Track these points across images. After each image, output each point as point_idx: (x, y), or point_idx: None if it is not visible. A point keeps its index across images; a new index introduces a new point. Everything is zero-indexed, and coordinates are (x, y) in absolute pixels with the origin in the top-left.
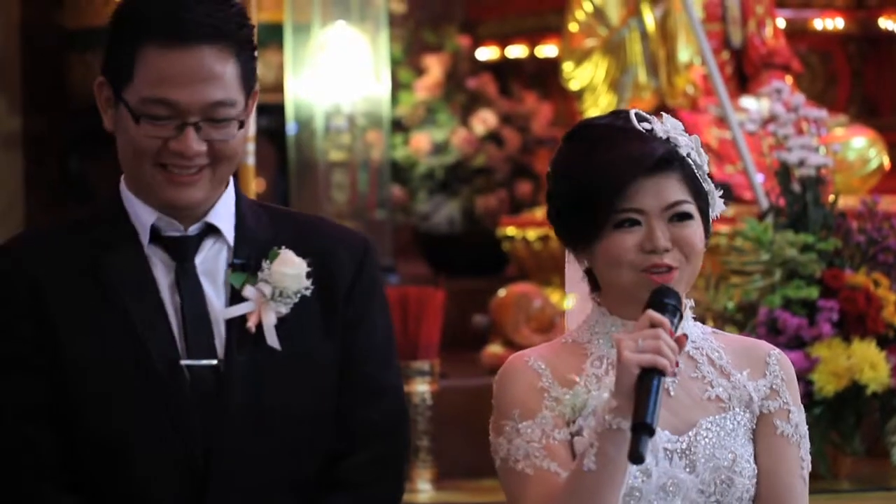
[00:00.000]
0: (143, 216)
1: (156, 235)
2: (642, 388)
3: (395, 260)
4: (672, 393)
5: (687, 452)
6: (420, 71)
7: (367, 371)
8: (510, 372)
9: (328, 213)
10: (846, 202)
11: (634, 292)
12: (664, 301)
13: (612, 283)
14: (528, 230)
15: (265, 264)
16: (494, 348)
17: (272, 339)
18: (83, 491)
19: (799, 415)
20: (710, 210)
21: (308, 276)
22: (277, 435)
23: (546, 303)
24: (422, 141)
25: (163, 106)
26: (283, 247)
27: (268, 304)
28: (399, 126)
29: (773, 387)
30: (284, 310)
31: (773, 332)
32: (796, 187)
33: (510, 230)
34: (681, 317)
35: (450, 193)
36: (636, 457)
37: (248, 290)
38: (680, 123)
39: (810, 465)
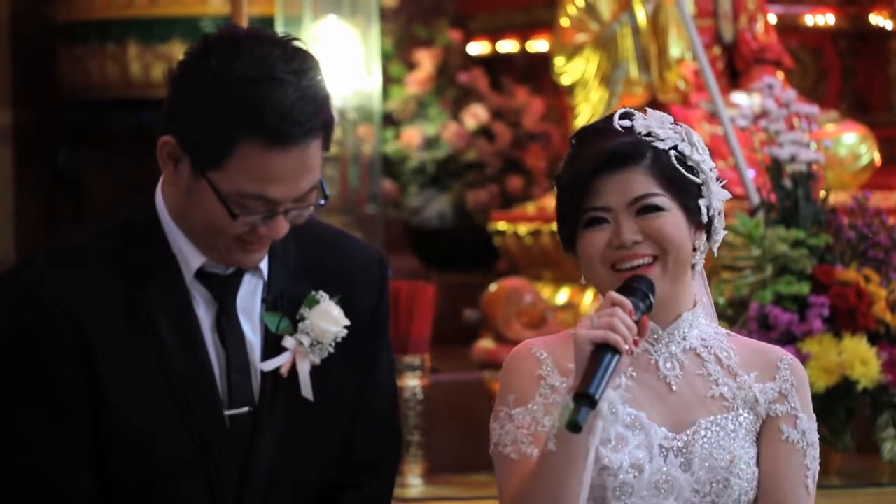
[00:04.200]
0: (190, 255)
1: (198, 272)
2: (593, 362)
3: (385, 254)
4: (674, 388)
5: (683, 451)
6: (411, 65)
7: (375, 404)
8: (513, 359)
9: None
10: (837, 198)
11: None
12: (632, 285)
13: (593, 282)
14: (519, 225)
15: (305, 311)
16: (485, 343)
17: (307, 391)
18: None
19: (808, 422)
20: (705, 200)
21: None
22: (301, 475)
23: (537, 297)
24: (413, 135)
25: (260, 201)
26: (321, 292)
27: (305, 354)
28: (390, 120)
29: (783, 391)
30: (318, 360)
31: (764, 328)
32: (787, 183)
33: (501, 225)
34: (650, 304)
35: (441, 188)
36: (571, 425)
37: (288, 341)
38: (669, 117)
39: (816, 476)
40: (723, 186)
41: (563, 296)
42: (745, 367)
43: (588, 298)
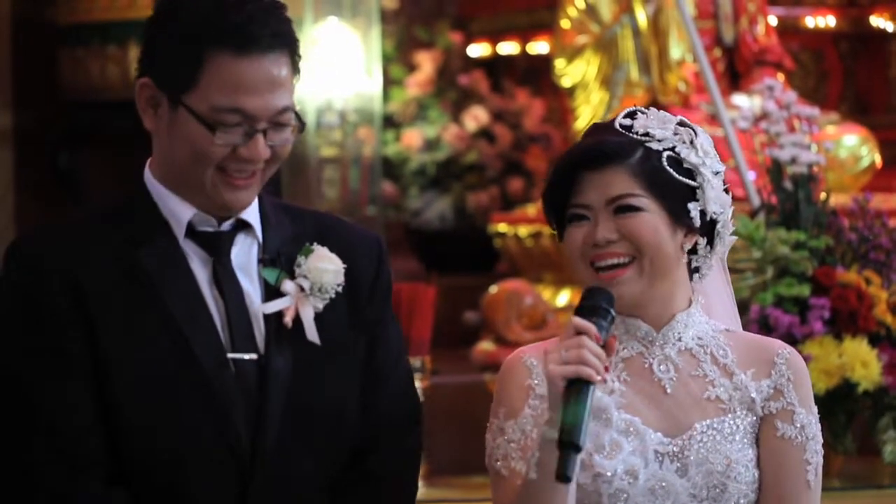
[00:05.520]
0: (180, 211)
1: (190, 230)
2: (569, 399)
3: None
4: (669, 391)
5: (679, 456)
6: (412, 67)
7: (387, 371)
8: (505, 370)
9: (319, 209)
10: (838, 200)
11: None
12: (592, 304)
13: (577, 276)
14: (519, 227)
15: (301, 259)
16: (486, 345)
17: (312, 334)
18: (128, 485)
19: (807, 416)
20: (698, 203)
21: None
22: (314, 429)
23: (538, 299)
24: (413, 137)
25: (235, 114)
26: (316, 244)
27: (306, 299)
28: (391, 122)
29: (778, 387)
30: (321, 305)
31: (765, 330)
32: (788, 185)
33: (502, 227)
34: (612, 319)
35: (441, 190)
36: (561, 476)
37: (287, 285)
38: (674, 119)
39: (820, 469)
40: (725, 190)
41: (563, 297)
42: (741, 364)
43: None
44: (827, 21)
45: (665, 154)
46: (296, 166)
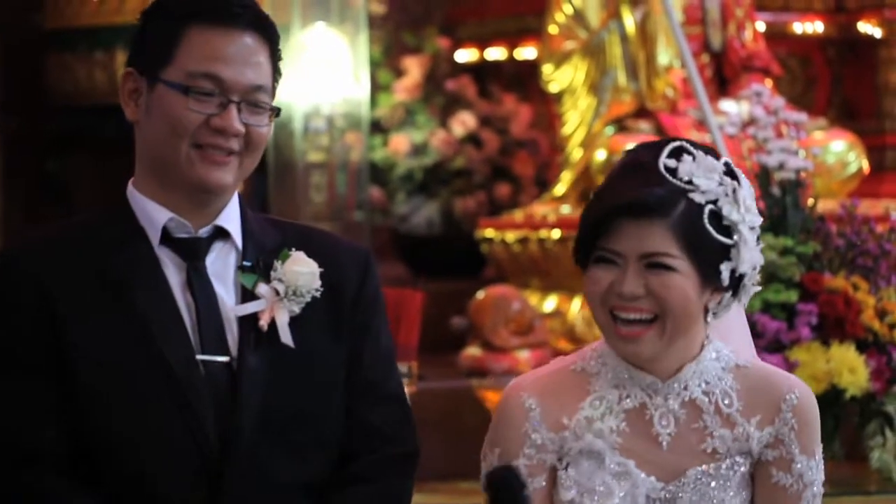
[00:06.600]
0: (156, 216)
1: (166, 237)
2: None
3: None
4: (665, 447)
5: (670, 501)
6: (399, 72)
7: (374, 379)
8: (503, 407)
9: (306, 214)
10: (825, 206)
11: (605, 336)
12: (502, 499)
13: (592, 315)
14: (506, 232)
15: (277, 264)
16: (473, 350)
17: (286, 337)
18: (98, 489)
19: (807, 464)
20: (731, 263)
21: (320, 276)
22: (288, 433)
23: (525, 305)
24: (401, 142)
25: (209, 80)
26: (294, 249)
27: (281, 302)
28: (378, 127)
29: (779, 436)
30: (297, 309)
31: (753, 336)
32: (776, 190)
33: (489, 232)
34: (525, 486)
35: (428, 195)
36: None
37: (262, 288)
38: (721, 166)
39: None
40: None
41: (550, 303)
42: (747, 411)
43: (575, 307)
44: (815, 27)
45: (707, 209)
46: (283, 171)
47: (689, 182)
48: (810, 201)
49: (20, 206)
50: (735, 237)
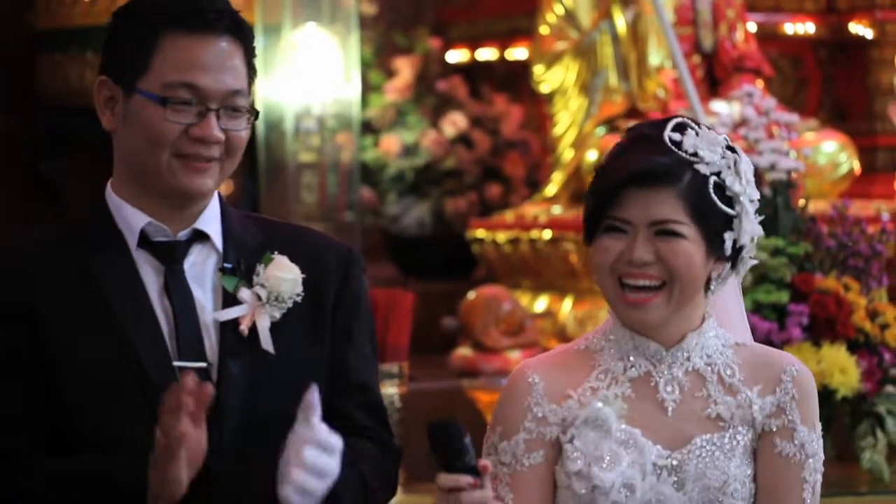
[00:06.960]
0: (133, 220)
1: (144, 241)
2: None
3: (364, 262)
4: (670, 413)
5: (677, 469)
6: (390, 73)
7: (356, 380)
8: (508, 385)
9: (297, 215)
10: (817, 206)
11: (612, 305)
12: (448, 451)
13: (599, 285)
14: (497, 233)
15: (260, 268)
16: (463, 351)
17: (267, 343)
18: None
19: (808, 434)
20: (733, 233)
21: (302, 281)
22: (271, 438)
23: (515, 305)
24: (392, 143)
25: (187, 90)
26: (276, 252)
27: (262, 307)
28: (369, 128)
29: (781, 404)
30: (278, 314)
31: None
32: (767, 191)
33: (480, 232)
34: (469, 445)
35: (419, 195)
36: None
37: (244, 293)
38: (723, 140)
39: (818, 487)
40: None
41: (541, 303)
42: (748, 382)
43: (566, 307)
44: (806, 28)
45: (711, 180)
46: (274, 172)
47: (695, 154)
48: (801, 202)
49: (12, 205)
50: (737, 208)
